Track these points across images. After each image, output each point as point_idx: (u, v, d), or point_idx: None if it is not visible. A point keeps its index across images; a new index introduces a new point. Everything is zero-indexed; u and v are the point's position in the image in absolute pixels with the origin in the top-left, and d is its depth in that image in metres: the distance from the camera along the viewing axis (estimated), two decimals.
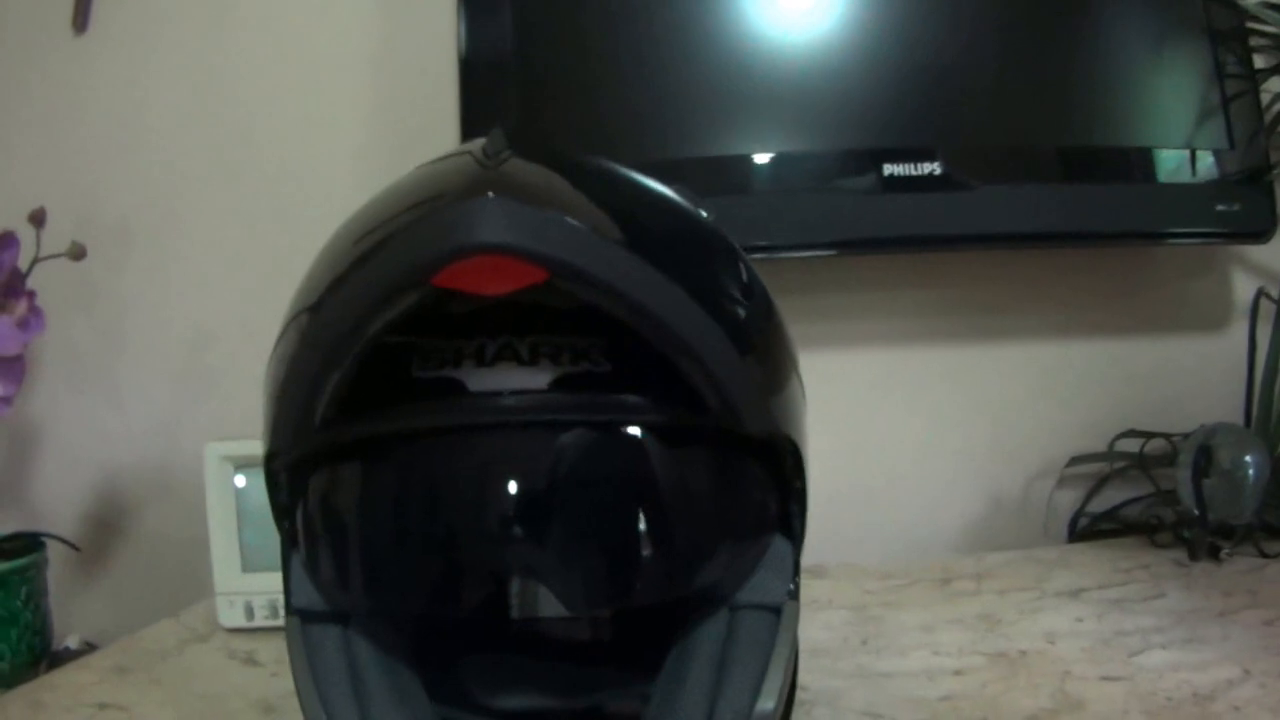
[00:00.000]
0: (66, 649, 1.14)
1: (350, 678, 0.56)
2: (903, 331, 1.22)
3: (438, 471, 0.53)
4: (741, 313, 0.53)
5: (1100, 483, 1.17)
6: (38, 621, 1.04)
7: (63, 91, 1.35)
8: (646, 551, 0.54)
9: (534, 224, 0.44)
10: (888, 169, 1.04)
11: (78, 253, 1.05)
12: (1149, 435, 1.14)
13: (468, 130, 1.08)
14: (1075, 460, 1.18)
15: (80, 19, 1.34)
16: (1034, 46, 1.08)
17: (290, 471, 0.56)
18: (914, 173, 1.04)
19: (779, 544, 0.57)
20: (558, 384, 0.52)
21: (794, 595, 0.57)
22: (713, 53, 1.07)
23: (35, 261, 1.03)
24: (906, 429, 1.22)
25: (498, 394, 0.52)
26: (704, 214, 0.57)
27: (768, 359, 0.54)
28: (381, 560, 0.55)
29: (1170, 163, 1.09)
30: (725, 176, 1.05)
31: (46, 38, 1.35)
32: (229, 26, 1.32)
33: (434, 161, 0.54)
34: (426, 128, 1.23)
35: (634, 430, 0.53)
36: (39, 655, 1.05)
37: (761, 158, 1.06)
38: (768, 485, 0.57)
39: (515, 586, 0.53)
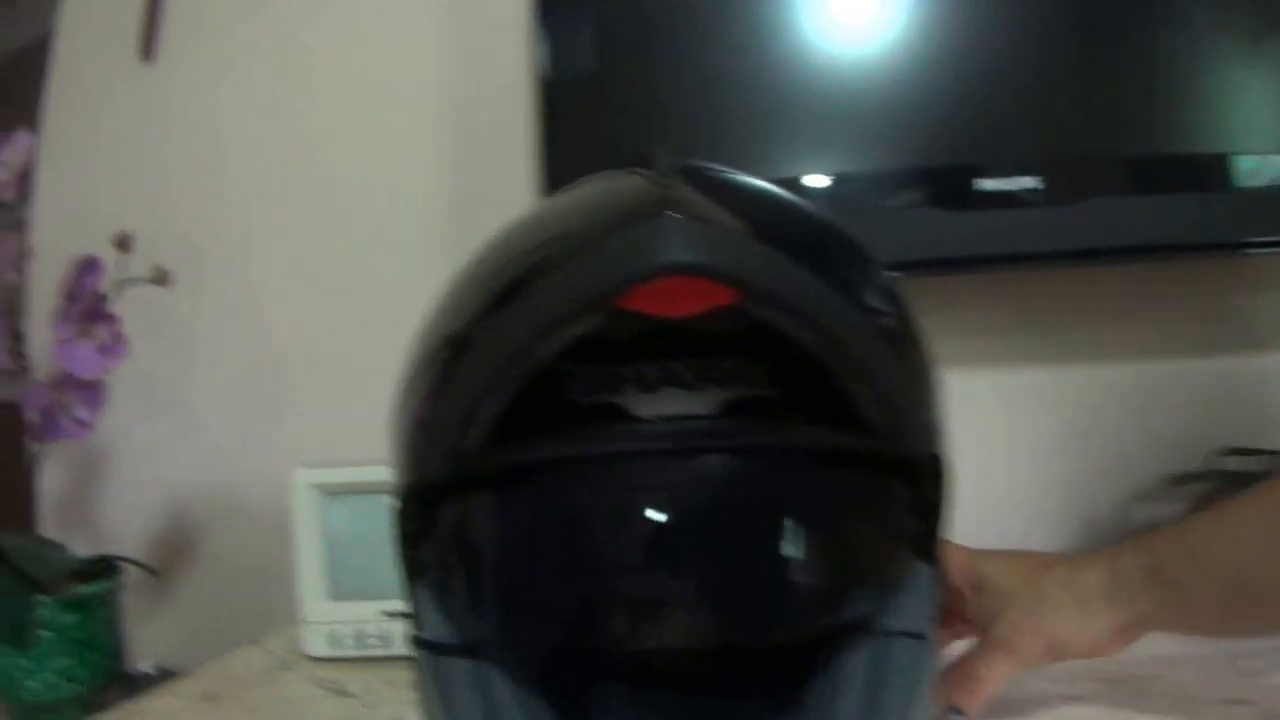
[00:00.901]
0: (139, 673, 1.12)
1: (484, 712, 0.53)
2: (989, 353, 1.19)
3: (594, 499, 0.51)
4: (896, 327, 0.51)
5: (1199, 502, 1.13)
6: (113, 645, 1.02)
7: (132, 119, 1.34)
8: (805, 583, 0.52)
9: (726, 244, 0.43)
10: (978, 184, 1.00)
11: (161, 278, 1.04)
12: (1251, 452, 1.10)
13: (549, 151, 1.05)
14: (1173, 480, 1.14)
15: (148, 48, 1.32)
16: (1117, 53, 1.03)
17: (422, 498, 0.53)
18: (1006, 188, 1.00)
19: (922, 568, 0.54)
20: (722, 410, 0.50)
21: (937, 620, 0.54)
22: (797, 71, 1.04)
23: (117, 286, 1.02)
24: (995, 454, 1.19)
25: (662, 420, 0.49)
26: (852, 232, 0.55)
27: (923, 378, 0.53)
28: (529, 590, 0.53)
29: (1262, 168, 1.02)
30: (813, 197, 1.01)
31: (115, 67, 1.34)
32: (297, 51, 1.30)
33: (588, 182, 0.52)
34: (500, 149, 1.19)
35: (798, 457, 0.50)
36: (113, 679, 1.02)
37: (849, 175, 1.03)
38: (914, 508, 0.54)
39: (659, 618, 0.51)
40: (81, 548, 1.12)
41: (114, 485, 1.32)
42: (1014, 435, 1.19)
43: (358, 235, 1.26)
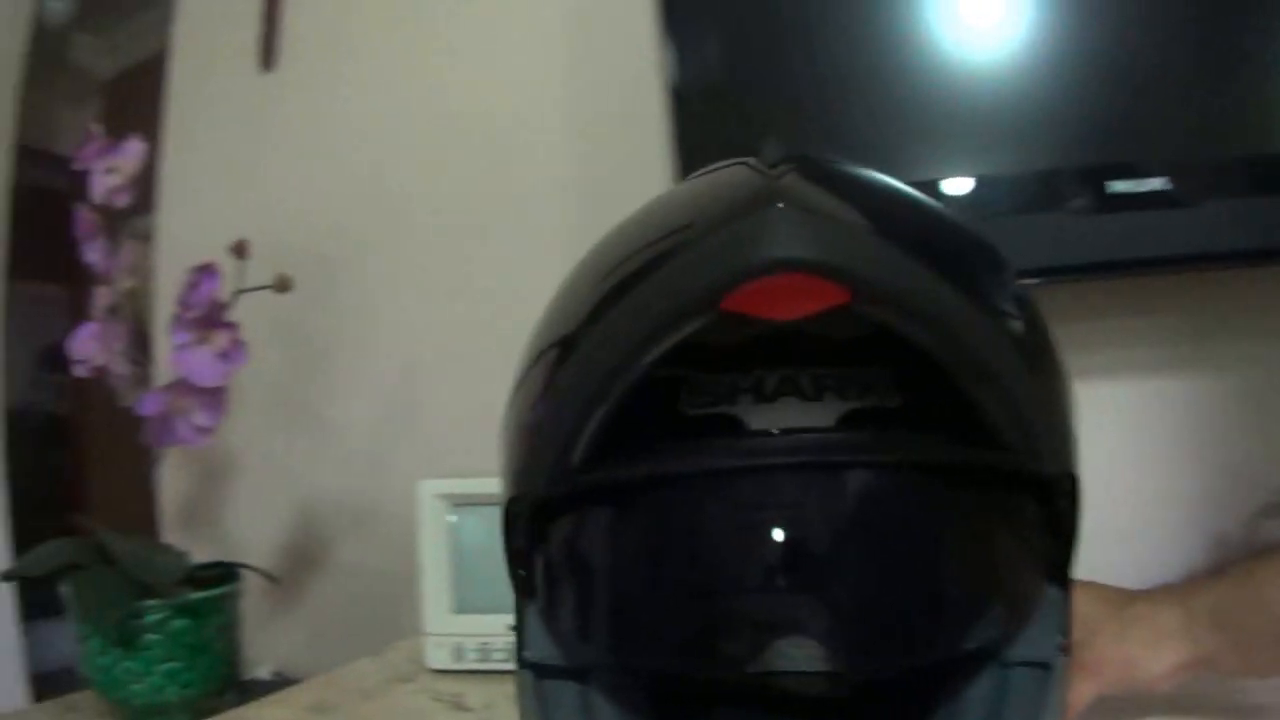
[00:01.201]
0: (256, 680, 1.12)
1: None
2: (1112, 363, 1.12)
3: (708, 517, 0.47)
4: (1025, 331, 0.46)
5: None
6: (228, 652, 1.01)
7: (254, 127, 1.35)
8: (931, 608, 0.48)
9: (839, 239, 0.39)
10: (1110, 186, 0.95)
11: (283, 285, 1.02)
12: None
13: (683, 158, 1.02)
14: None
15: (267, 56, 1.33)
16: (1256, 47, 0.96)
17: (532, 515, 0.50)
18: (1140, 189, 0.94)
19: (1051, 594, 0.50)
20: (844, 421, 0.46)
21: (1065, 650, 0.50)
22: (923, 74, 1.00)
23: (239, 293, 1.01)
24: (1122, 463, 1.12)
25: (780, 433, 0.46)
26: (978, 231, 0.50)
27: (1051, 379, 0.48)
28: (639, 613, 0.50)
29: None
30: (946, 201, 0.96)
31: (236, 76, 1.36)
32: (419, 55, 1.29)
33: (697, 177, 0.49)
34: (631, 153, 1.16)
35: (926, 473, 0.46)
36: (227, 685, 1.02)
37: (979, 179, 0.98)
38: (1046, 528, 0.50)
39: (778, 643, 0.47)
40: (205, 553, 1.13)
41: (241, 491, 1.33)
42: (1139, 448, 1.12)
43: (486, 242, 1.24)
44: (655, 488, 0.47)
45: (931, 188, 0.97)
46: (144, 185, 1.35)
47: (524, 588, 0.52)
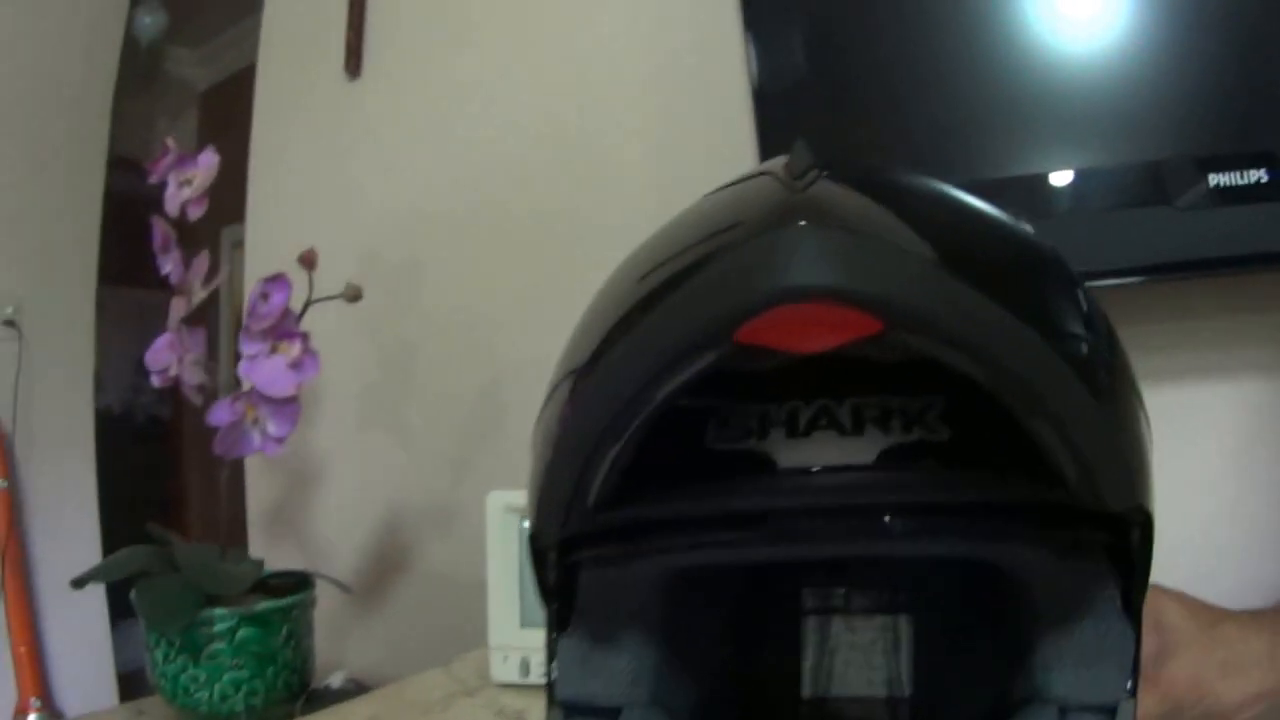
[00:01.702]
0: (328, 688, 1.11)
1: None
2: (1223, 364, 1.05)
3: (740, 558, 0.44)
4: (1091, 353, 0.41)
5: None
6: (297, 660, 1.00)
7: (346, 136, 1.34)
8: (988, 656, 0.44)
9: (865, 260, 0.34)
10: (1214, 179, 0.88)
11: (353, 294, 1.01)
12: None
13: (768, 158, 0.98)
14: None
15: (354, 64, 1.33)
16: None
17: (562, 549, 0.47)
18: (1240, 182, 0.88)
19: (1119, 631, 0.45)
20: (886, 457, 0.41)
21: (1132, 693, 0.44)
22: (1010, 64, 0.95)
23: (308, 303, 1.00)
24: (1226, 467, 1.04)
25: (815, 471, 0.41)
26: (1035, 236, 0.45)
27: (1119, 406, 0.42)
28: (670, 654, 0.47)
29: None
30: (1028, 196, 0.92)
31: (322, 83, 1.36)
32: (502, 61, 1.26)
33: (727, 185, 0.45)
34: (715, 155, 1.12)
35: (978, 515, 0.41)
36: (296, 693, 1.01)
37: (1063, 174, 0.92)
38: (1112, 563, 0.45)
39: (810, 661, 0.45)
40: (289, 558, 1.12)
41: (326, 497, 1.33)
42: (1241, 449, 1.05)
43: (571, 248, 1.21)
44: (681, 527, 0.43)
45: (1034, 182, 0.93)
46: (236, 195, 1.38)
47: (557, 622, 0.49)
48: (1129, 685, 0.44)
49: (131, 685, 1.41)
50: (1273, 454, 1.04)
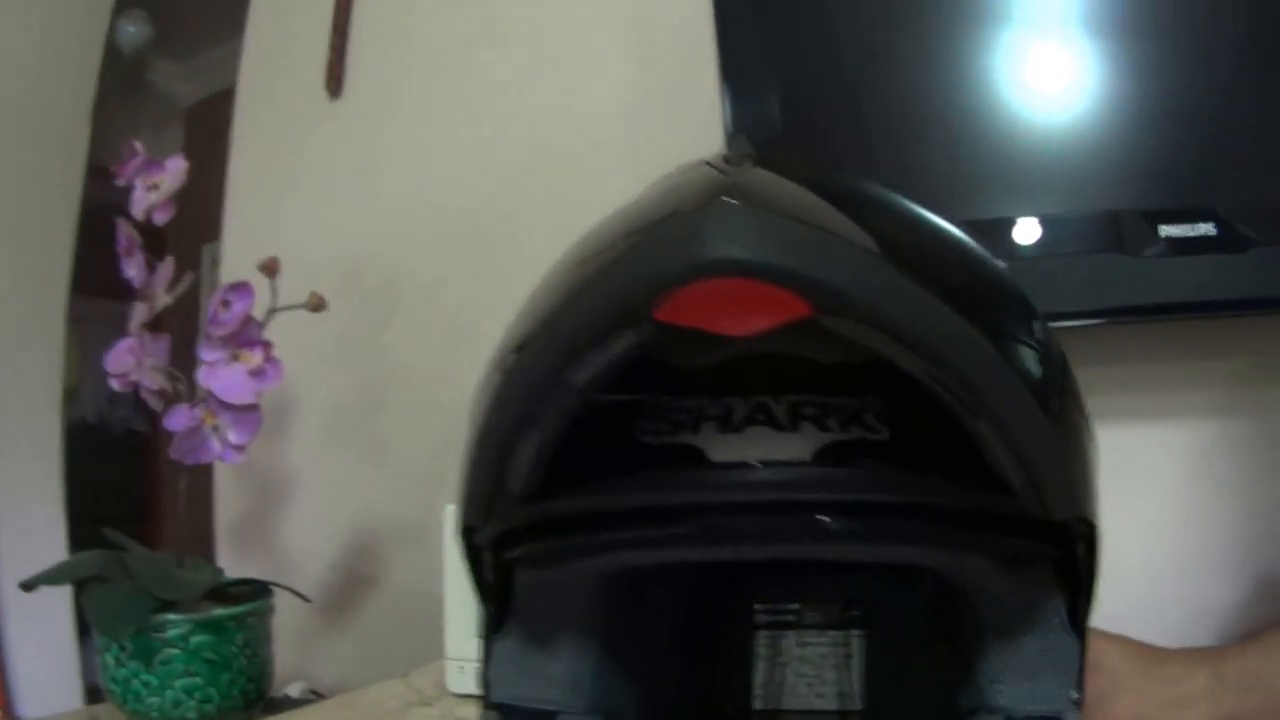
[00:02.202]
0: (286, 696, 1.10)
1: None
2: (1173, 406, 1.08)
3: (670, 556, 0.43)
4: (1041, 370, 0.39)
5: None
6: (253, 668, 0.98)
7: (325, 155, 1.34)
8: (916, 660, 0.42)
9: (788, 237, 0.32)
10: (1163, 230, 0.92)
11: (316, 304, 1.00)
12: None
13: None
14: None
15: (334, 84, 1.32)
16: None
17: (495, 547, 0.46)
18: (1190, 234, 0.92)
19: (1065, 643, 0.44)
20: (822, 455, 0.40)
21: (1077, 704, 0.44)
22: (979, 115, 0.97)
23: (272, 312, 0.99)
24: (1175, 507, 1.06)
25: (747, 466, 0.40)
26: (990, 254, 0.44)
27: (1070, 428, 0.41)
28: (608, 650, 0.46)
29: None
30: (990, 240, 0.92)
31: (302, 102, 1.35)
32: (484, 85, 1.26)
33: (666, 177, 0.44)
34: None
35: (915, 514, 0.40)
36: (252, 701, 0.99)
37: (1028, 220, 0.95)
38: (1056, 575, 0.44)
39: (761, 676, 0.45)
40: (257, 570, 1.11)
41: (295, 510, 1.31)
42: (1189, 490, 1.07)
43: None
44: (610, 522, 0.42)
45: (1001, 225, 0.95)
46: (213, 211, 1.37)
47: (492, 623, 0.48)
48: (1074, 696, 0.44)
49: (98, 698, 1.39)
50: (1216, 496, 1.06)
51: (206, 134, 1.52)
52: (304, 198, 1.34)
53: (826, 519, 0.39)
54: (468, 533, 0.46)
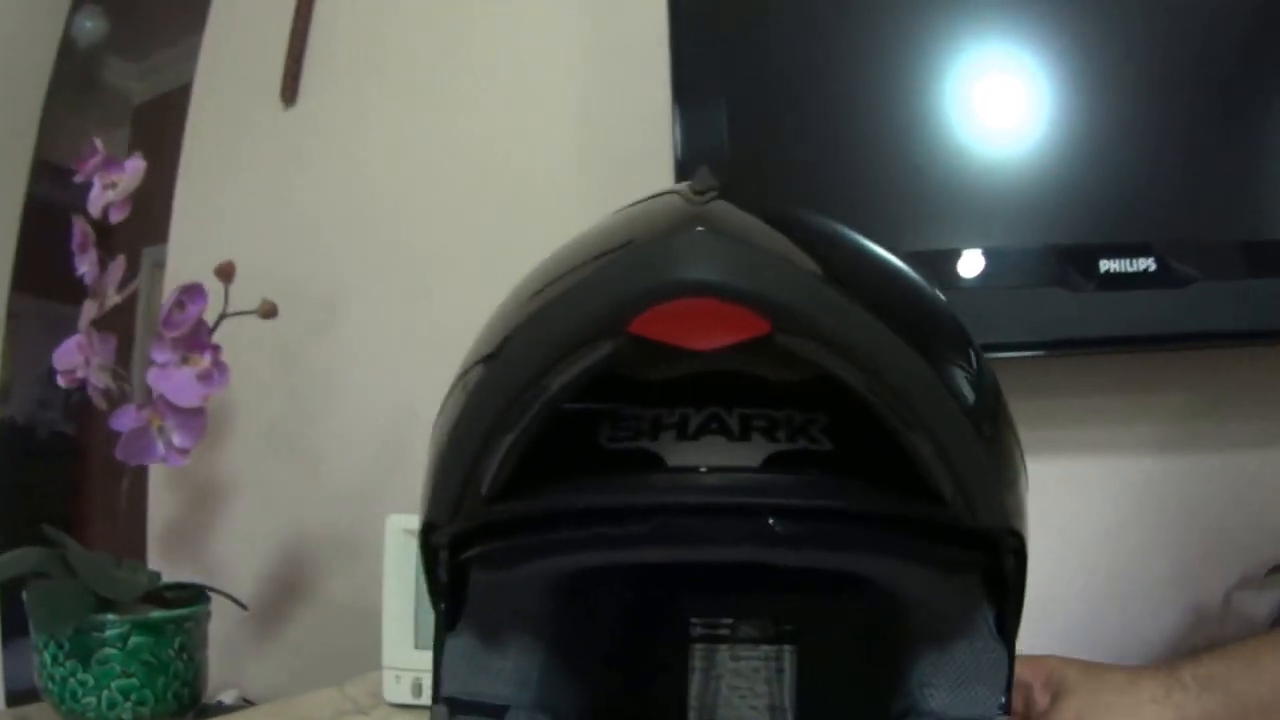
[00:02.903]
0: (219, 703, 1.11)
1: None
2: (1109, 439, 1.13)
3: (625, 557, 0.46)
4: (974, 394, 0.43)
5: None
6: (189, 672, 0.99)
7: (276, 161, 1.35)
8: (850, 661, 0.47)
9: (756, 265, 0.37)
10: (1104, 265, 0.96)
11: (268, 311, 1.02)
12: None
13: None
14: (1277, 569, 1.06)
15: (289, 92, 1.34)
16: (1248, 134, 1.00)
17: (452, 547, 0.49)
18: (1130, 269, 0.96)
19: (993, 651, 0.48)
20: (771, 463, 0.43)
21: (1005, 709, 0.47)
22: (926, 147, 1.02)
23: (223, 316, 1.00)
24: (1108, 537, 1.12)
25: (701, 471, 0.43)
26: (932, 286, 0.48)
27: (1000, 447, 0.45)
28: (555, 652, 0.49)
29: None
30: (934, 271, 0.96)
31: (257, 109, 1.36)
32: (436, 102, 1.30)
33: (632, 204, 0.48)
34: None
35: (856, 520, 0.44)
36: (186, 705, 1.00)
37: (972, 253, 0.99)
38: (986, 586, 0.48)
39: (696, 687, 0.48)
40: (187, 576, 1.12)
41: (229, 517, 1.32)
42: (1124, 520, 1.12)
43: (488, 289, 1.22)
44: (566, 523, 0.45)
45: (945, 257, 0.99)
46: (163, 214, 1.37)
47: (445, 621, 0.50)
48: (1001, 702, 0.47)
49: (20, 701, 1.37)
50: (1153, 528, 1.11)
51: (155, 134, 1.52)
52: (253, 204, 1.35)
53: (772, 521, 0.42)
54: (427, 531, 0.48)
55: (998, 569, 0.47)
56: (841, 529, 0.43)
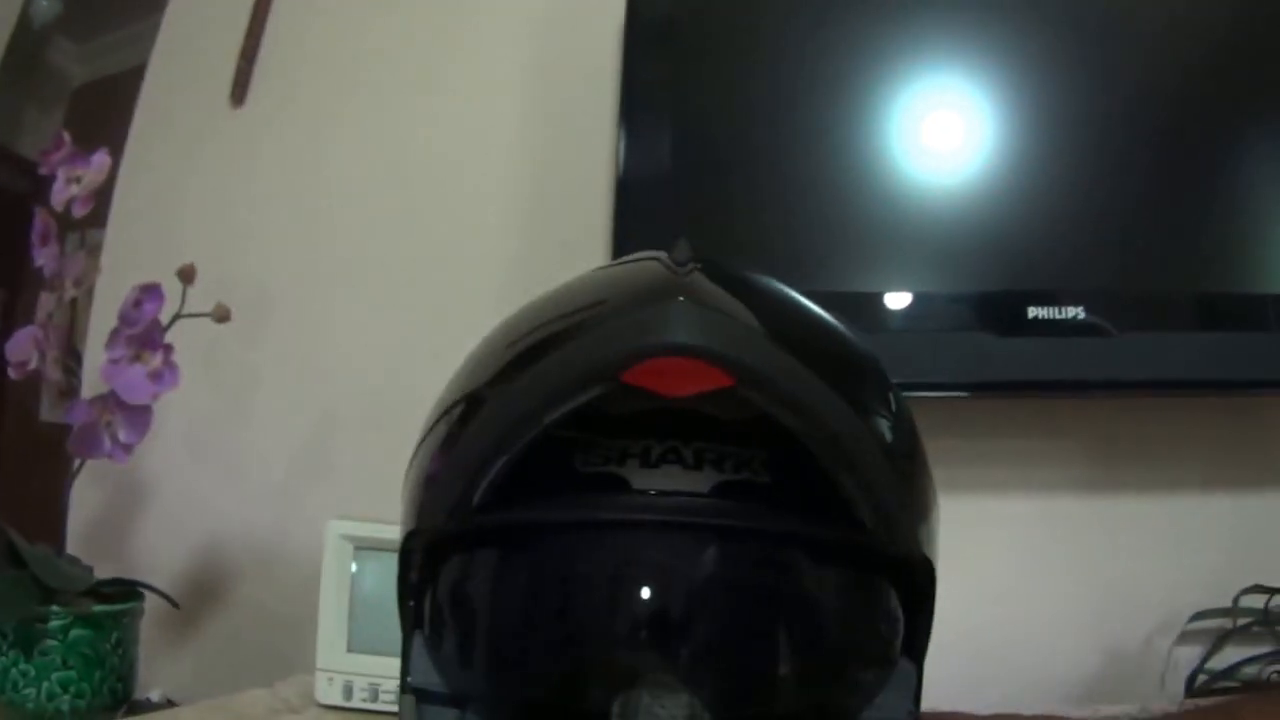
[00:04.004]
0: (148, 700, 1.14)
1: None
2: (1030, 480, 1.21)
3: (588, 564, 0.54)
4: (894, 436, 0.54)
5: (1222, 639, 1.12)
6: (123, 668, 1.04)
7: (219, 161, 1.40)
8: (780, 665, 0.54)
9: (728, 331, 0.47)
10: (1032, 312, 1.04)
11: (222, 315, 1.06)
12: (1273, 591, 1.09)
13: (619, 246, 1.10)
14: (1198, 615, 1.13)
15: (239, 92, 1.39)
16: (1177, 192, 1.08)
17: (427, 552, 0.56)
18: (1057, 317, 1.03)
19: (904, 666, 0.57)
20: (717, 490, 0.53)
21: (914, 716, 0.56)
22: (865, 187, 1.09)
23: (177, 317, 1.05)
24: (1026, 577, 1.19)
25: (661, 494, 0.52)
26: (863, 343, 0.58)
27: (915, 485, 0.55)
28: (516, 647, 0.56)
29: None
30: (866, 311, 1.05)
31: (205, 106, 1.41)
32: (382, 113, 1.36)
33: (612, 265, 0.58)
34: (577, 241, 1.24)
35: (787, 543, 0.54)
36: (119, 701, 1.04)
37: (903, 294, 1.06)
38: (899, 607, 0.57)
39: (640, 686, 0.52)
40: (110, 574, 1.15)
41: (151, 517, 1.35)
42: (1046, 561, 1.19)
43: (419, 300, 1.30)
44: (538, 534, 0.54)
45: (872, 301, 1.06)
46: (99, 199, 1.40)
47: (412, 619, 0.57)
48: (911, 709, 0.56)
49: None
50: (1068, 570, 1.18)
51: (92, 118, 1.55)
52: (193, 201, 1.39)
53: (715, 541, 0.52)
54: (410, 537, 0.56)
55: (910, 592, 0.56)
56: (773, 548, 0.53)
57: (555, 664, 0.55)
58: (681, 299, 0.47)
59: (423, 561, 0.57)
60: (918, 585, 0.55)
